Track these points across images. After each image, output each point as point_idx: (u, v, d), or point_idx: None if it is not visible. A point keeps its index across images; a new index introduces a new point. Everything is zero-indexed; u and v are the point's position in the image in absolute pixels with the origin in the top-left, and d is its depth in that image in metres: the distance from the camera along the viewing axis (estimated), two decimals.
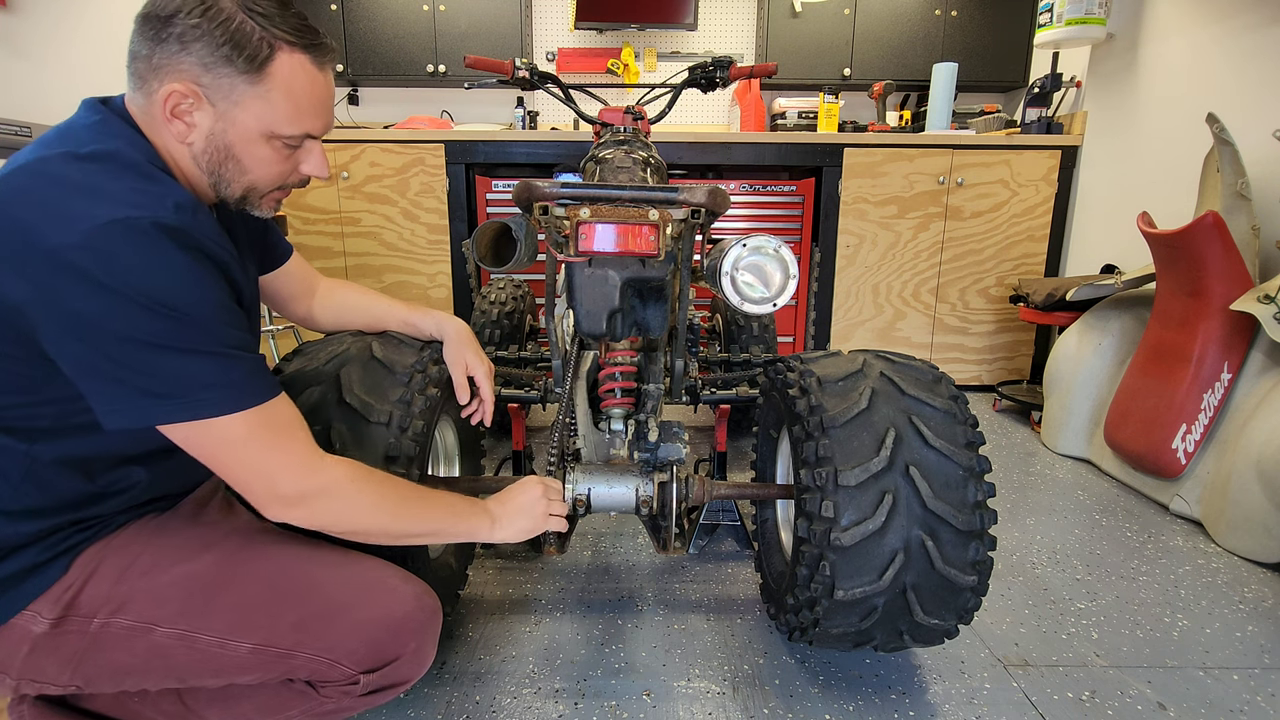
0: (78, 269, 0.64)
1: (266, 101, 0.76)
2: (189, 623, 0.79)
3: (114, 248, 0.65)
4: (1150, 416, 1.92)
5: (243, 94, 0.75)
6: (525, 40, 3.26)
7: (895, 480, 0.96)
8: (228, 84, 0.74)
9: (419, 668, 0.88)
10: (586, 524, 1.76)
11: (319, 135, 0.84)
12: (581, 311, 1.10)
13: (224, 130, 0.77)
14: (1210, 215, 1.74)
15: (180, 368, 0.69)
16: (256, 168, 0.80)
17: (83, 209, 0.66)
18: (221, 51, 0.73)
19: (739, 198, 2.83)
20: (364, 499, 0.81)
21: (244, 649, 0.80)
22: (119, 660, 0.78)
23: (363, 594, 0.85)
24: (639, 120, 1.72)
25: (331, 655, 0.82)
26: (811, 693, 1.17)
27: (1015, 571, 1.57)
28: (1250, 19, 2.05)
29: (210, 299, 0.71)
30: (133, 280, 0.66)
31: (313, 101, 0.80)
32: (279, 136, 0.79)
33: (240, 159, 0.79)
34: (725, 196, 1.00)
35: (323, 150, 0.86)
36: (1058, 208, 2.80)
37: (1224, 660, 1.27)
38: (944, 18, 3.21)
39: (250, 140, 0.78)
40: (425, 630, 0.88)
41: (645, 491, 1.17)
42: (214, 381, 0.71)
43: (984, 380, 2.99)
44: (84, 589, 0.78)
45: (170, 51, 0.72)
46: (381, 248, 2.88)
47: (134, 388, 0.68)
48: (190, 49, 0.72)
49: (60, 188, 0.67)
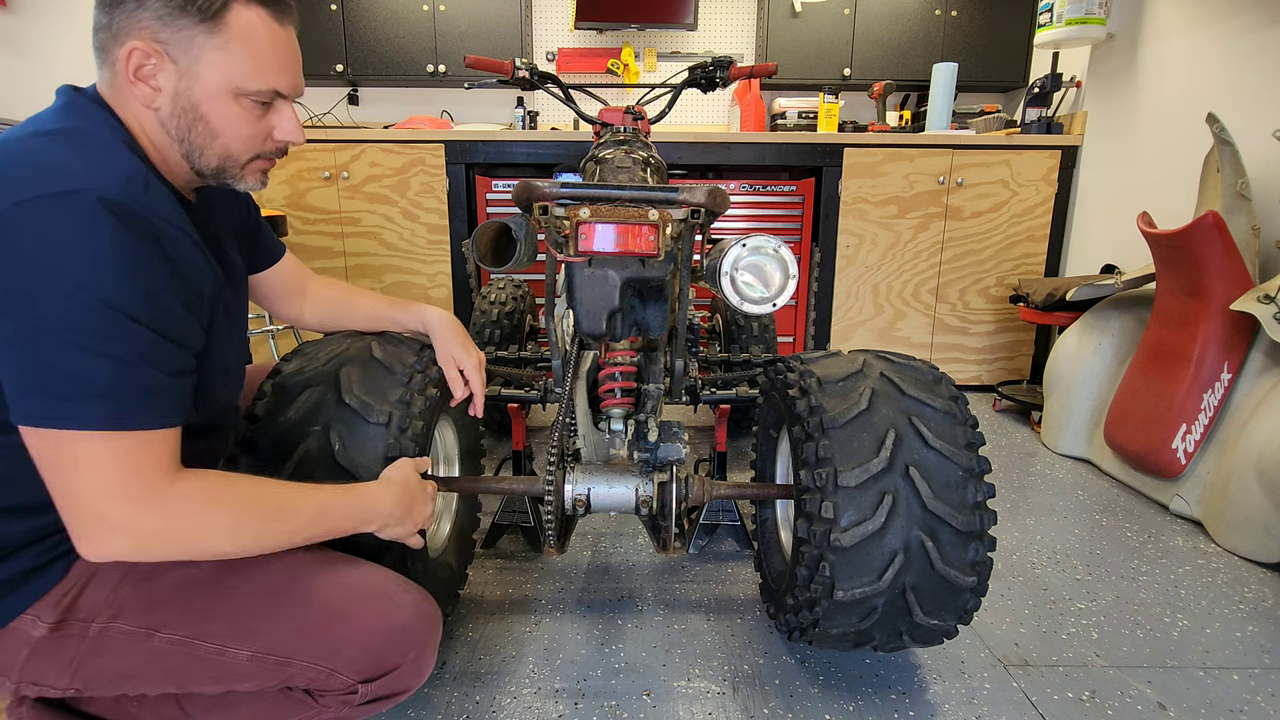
0: (7, 235, 0.62)
1: (227, 53, 0.74)
2: (188, 628, 0.78)
3: (46, 222, 0.63)
4: (1150, 416, 1.92)
5: (202, 46, 0.73)
6: (525, 40, 3.25)
7: (895, 481, 0.96)
8: (186, 36, 0.73)
9: (418, 677, 0.88)
10: (586, 524, 1.76)
11: (288, 94, 0.82)
12: (581, 311, 1.10)
13: (189, 88, 0.75)
14: (1210, 215, 1.74)
15: (75, 368, 0.64)
16: (227, 128, 0.78)
17: (25, 179, 0.64)
18: (175, 2, 0.71)
19: (739, 198, 2.83)
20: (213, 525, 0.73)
21: (243, 656, 0.79)
22: (118, 665, 0.78)
23: (362, 602, 0.84)
24: (639, 120, 1.72)
25: (330, 664, 0.81)
26: (811, 693, 1.17)
27: (1015, 571, 1.57)
28: (1250, 19, 2.05)
29: (140, 288, 0.67)
30: (58, 258, 0.63)
31: (276, 55, 0.78)
32: (245, 92, 0.77)
33: (208, 119, 0.76)
34: (725, 196, 1.00)
35: (295, 113, 0.83)
36: (1058, 208, 2.80)
37: (1224, 660, 1.27)
38: (944, 18, 3.21)
39: (216, 97, 0.76)
40: (425, 640, 0.87)
41: (645, 491, 1.17)
42: (104, 393, 0.65)
43: (984, 380, 2.99)
44: (83, 593, 0.77)
45: (127, 11, 0.72)
46: (381, 248, 2.88)
47: (16, 378, 0.65)
48: (145, 4, 0.71)
49: (10, 161, 0.66)
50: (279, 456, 0.96)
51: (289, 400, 0.99)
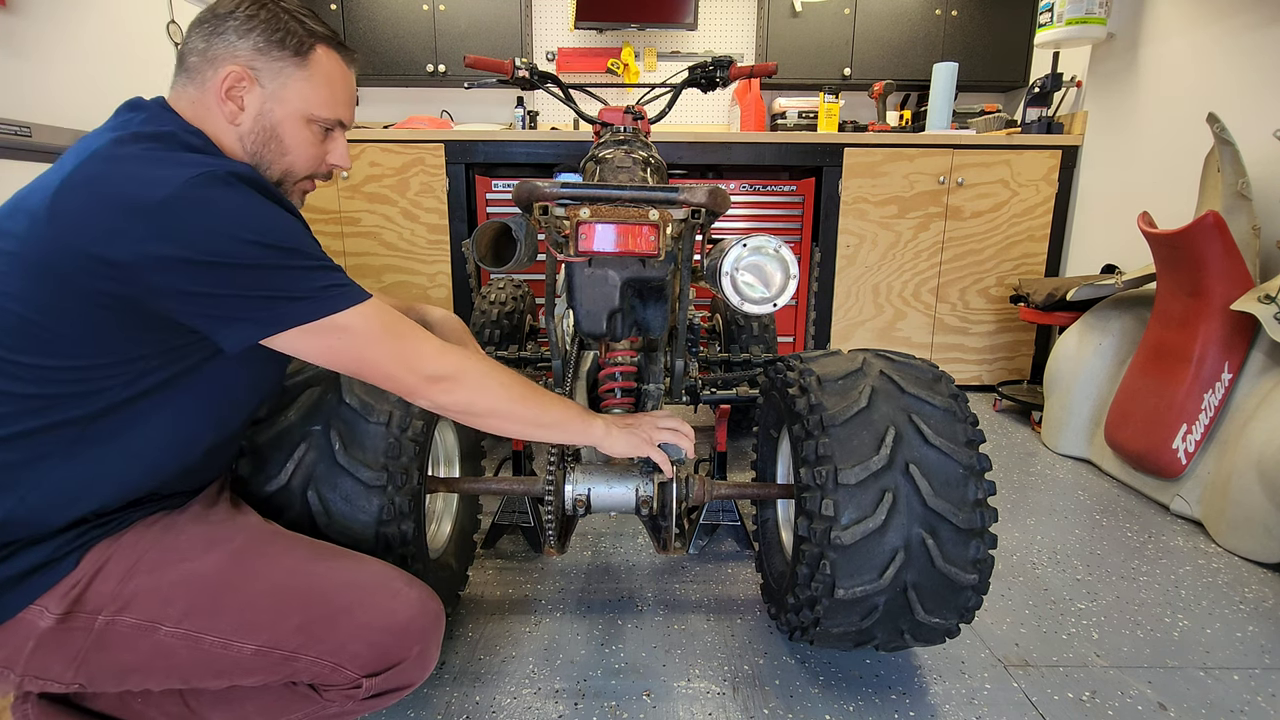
0: (187, 213, 0.70)
1: (310, 84, 0.86)
2: (194, 623, 0.79)
3: (210, 193, 0.71)
4: (1151, 416, 1.92)
5: (290, 75, 0.84)
6: (525, 40, 3.25)
7: (895, 478, 0.96)
8: (278, 66, 0.84)
9: (422, 672, 0.89)
10: (586, 524, 1.76)
11: (348, 125, 0.93)
12: (581, 311, 1.10)
13: (271, 110, 0.85)
14: (1211, 215, 1.74)
15: (301, 278, 0.76)
16: (295, 148, 0.88)
17: (168, 171, 0.71)
18: (275, 38, 0.83)
19: (739, 198, 2.83)
20: (493, 381, 0.89)
21: (248, 650, 0.80)
22: (123, 659, 0.78)
23: (367, 597, 0.85)
24: (639, 120, 1.72)
25: (335, 659, 0.82)
26: (812, 693, 1.17)
27: (1016, 571, 1.57)
28: (1250, 19, 2.05)
29: (300, 227, 0.79)
30: (237, 216, 0.72)
31: (346, 91, 0.90)
32: (317, 119, 0.87)
33: (283, 138, 0.86)
34: (725, 196, 0.99)
35: (346, 142, 0.94)
36: (1058, 208, 2.80)
37: (1224, 660, 1.27)
38: (944, 17, 3.21)
39: (293, 119, 0.86)
40: (429, 634, 0.88)
41: (645, 492, 1.17)
42: (334, 282, 0.78)
43: (984, 380, 2.99)
44: (91, 585, 0.78)
45: (228, 41, 0.82)
46: (381, 248, 2.88)
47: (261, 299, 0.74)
48: (246, 37, 0.82)
49: (139, 161, 0.72)
50: (278, 457, 0.95)
51: (289, 400, 0.99)
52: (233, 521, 0.89)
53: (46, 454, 0.74)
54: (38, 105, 2.20)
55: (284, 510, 0.95)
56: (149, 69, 2.65)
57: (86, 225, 0.69)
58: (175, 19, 2.78)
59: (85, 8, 2.40)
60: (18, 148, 2.09)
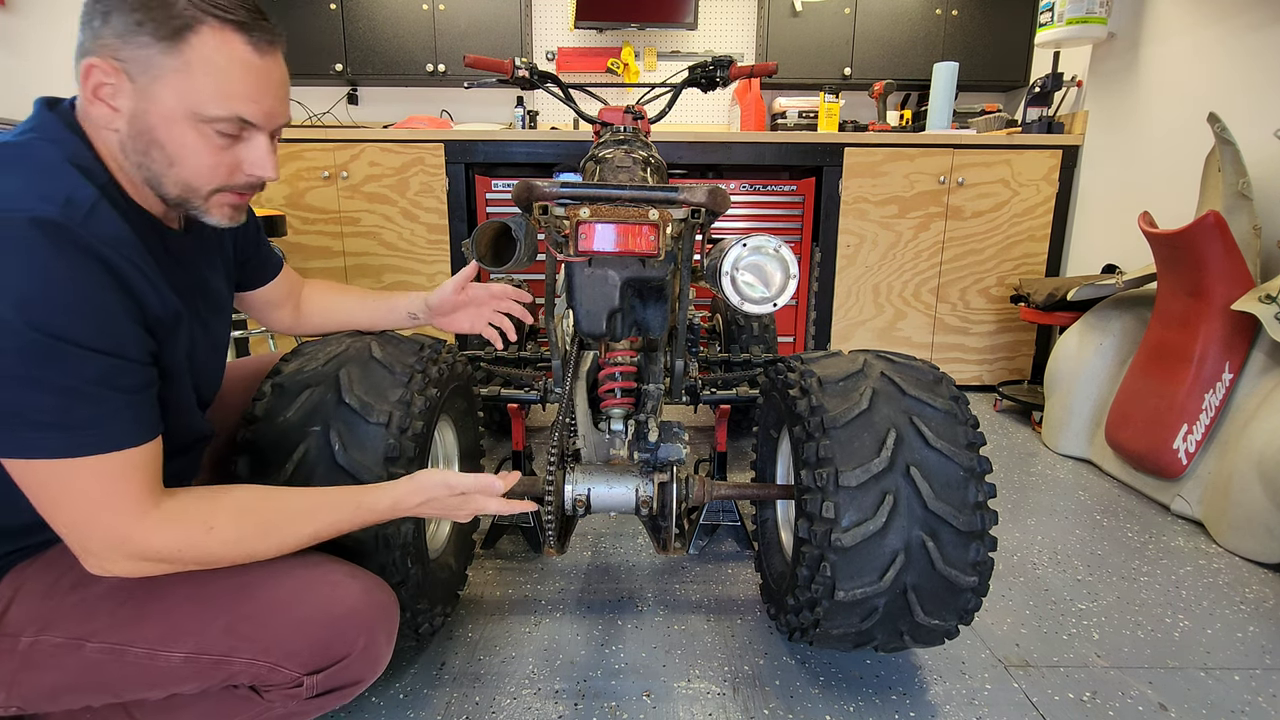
0: None
1: (185, 75, 0.68)
2: (118, 635, 0.75)
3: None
4: (1151, 417, 1.92)
5: (160, 67, 0.68)
6: (525, 40, 3.25)
7: (896, 481, 0.95)
8: (144, 55, 0.67)
9: (371, 666, 0.84)
10: (586, 524, 1.76)
11: (261, 125, 0.75)
12: (581, 311, 1.10)
13: (145, 110, 0.69)
14: (1211, 215, 1.73)
15: (14, 398, 0.62)
16: (184, 157, 0.72)
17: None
18: (134, 17, 0.67)
19: (739, 197, 2.82)
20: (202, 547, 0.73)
21: (176, 659, 0.76)
22: (52, 679, 0.75)
23: (301, 592, 0.80)
24: (639, 120, 1.72)
25: (269, 658, 0.77)
26: (812, 693, 1.17)
27: (1016, 572, 1.57)
28: (1251, 19, 2.05)
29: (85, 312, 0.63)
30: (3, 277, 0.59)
31: (246, 82, 0.71)
32: (205, 119, 0.70)
33: (164, 144, 0.71)
34: (725, 196, 0.99)
35: (270, 146, 0.77)
36: (1058, 207, 2.80)
37: (1225, 661, 1.27)
38: (944, 17, 3.21)
39: (173, 121, 0.70)
40: (375, 626, 0.83)
41: (645, 492, 1.17)
42: (49, 422, 0.63)
43: (984, 380, 2.98)
44: (10, 606, 0.75)
45: (94, 29, 0.68)
46: (381, 248, 2.88)
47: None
48: (110, 21, 0.67)
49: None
50: (278, 457, 0.95)
51: (289, 400, 0.99)
52: None
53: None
54: None
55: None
56: None
57: None
58: None
59: None
60: None
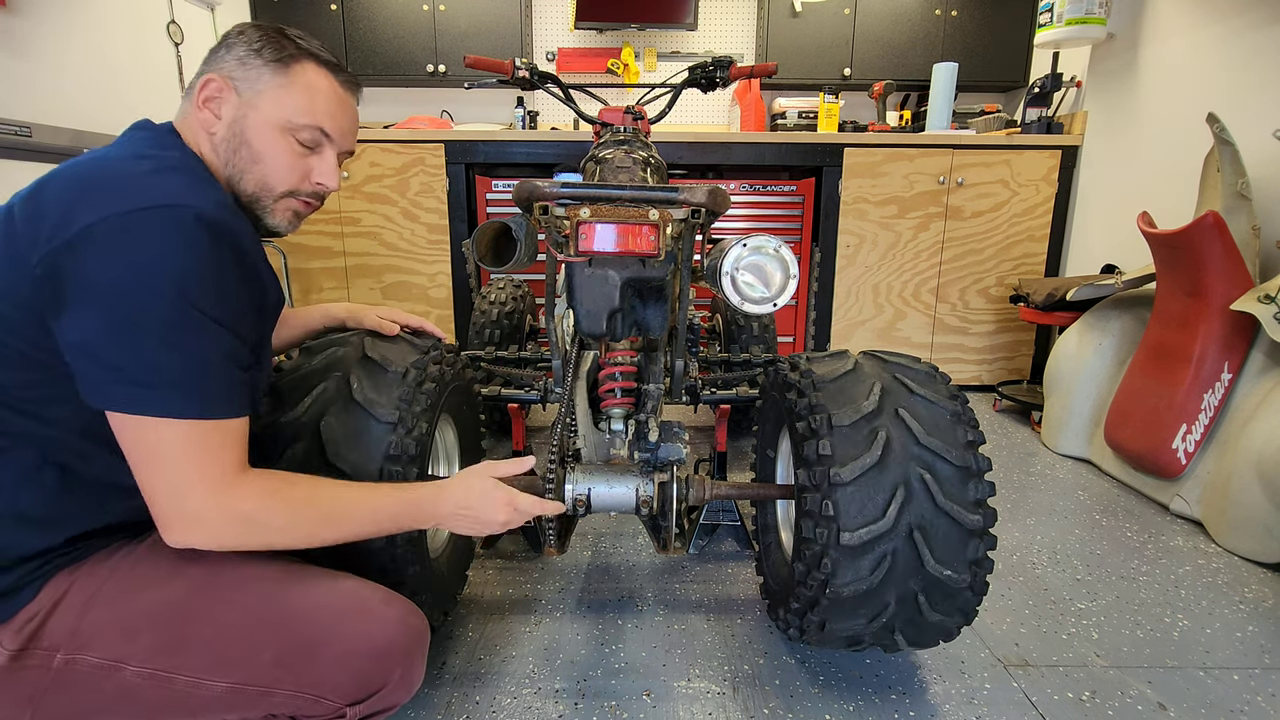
0: (103, 242, 0.67)
1: (286, 90, 0.83)
2: (162, 660, 0.74)
3: (149, 229, 0.68)
4: (1150, 416, 1.92)
5: (266, 83, 0.82)
6: (525, 40, 3.25)
7: (898, 479, 0.96)
8: (255, 74, 0.82)
9: (407, 692, 0.84)
10: (586, 524, 1.76)
11: (335, 140, 0.88)
12: (581, 311, 1.10)
13: (244, 115, 0.82)
14: (1210, 215, 1.74)
15: (158, 359, 0.69)
16: (267, 157, 0.84)
17: (136, 192, 0.70)
18: (254, 47, 0.82)
19: (739, 198, 2.83)
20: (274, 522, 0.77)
21: (220, 688, 0.75)
22: (84, 700, 0.74)
23: (344, 622, 0.80)
24: (639, 120, 1.72)
25: (316, 691, 0.78)
26: (811, 693, 1.17)
27: (1016, 572, 1.57)
28: (1250, 19, 2.05)
29: (226, 299, 0.74)
30: (158, 261, 0.68)
31: (330, 104, 0.86)
32: (292, 127, 0.84)
33: (253, 144, 0.83)
34: (725, 196, 0.99)
35: (336, 162, 0.90)
36: (1058, 208, 2.80)
37: (1224, 660, 1.27)
38: (944, 17, 3.21)
39: (265, 126, 0.83)
40: (412, 655, 0.84)
41: (645, 491, 1.17)
42: (185, 384, 0.71)
43: (984, 380, 2.99)
44: (49, 619, 0.74)
45: (218, 58, 0.83)
46: (381, 248, 2.88)
47: (107, 365, 0.69)
48: (231, 50, 0.83)
49: (120, 176, 0.72)
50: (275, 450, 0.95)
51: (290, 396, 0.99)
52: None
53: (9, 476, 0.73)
54: (38, 105, 2.20)
55: None
56: (149, 69, 2.65)
57: (26, 233, 0.69)
58: (175, 19, 2.78)
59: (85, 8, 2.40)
60: (18, 148, 2.09)
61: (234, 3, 3.14)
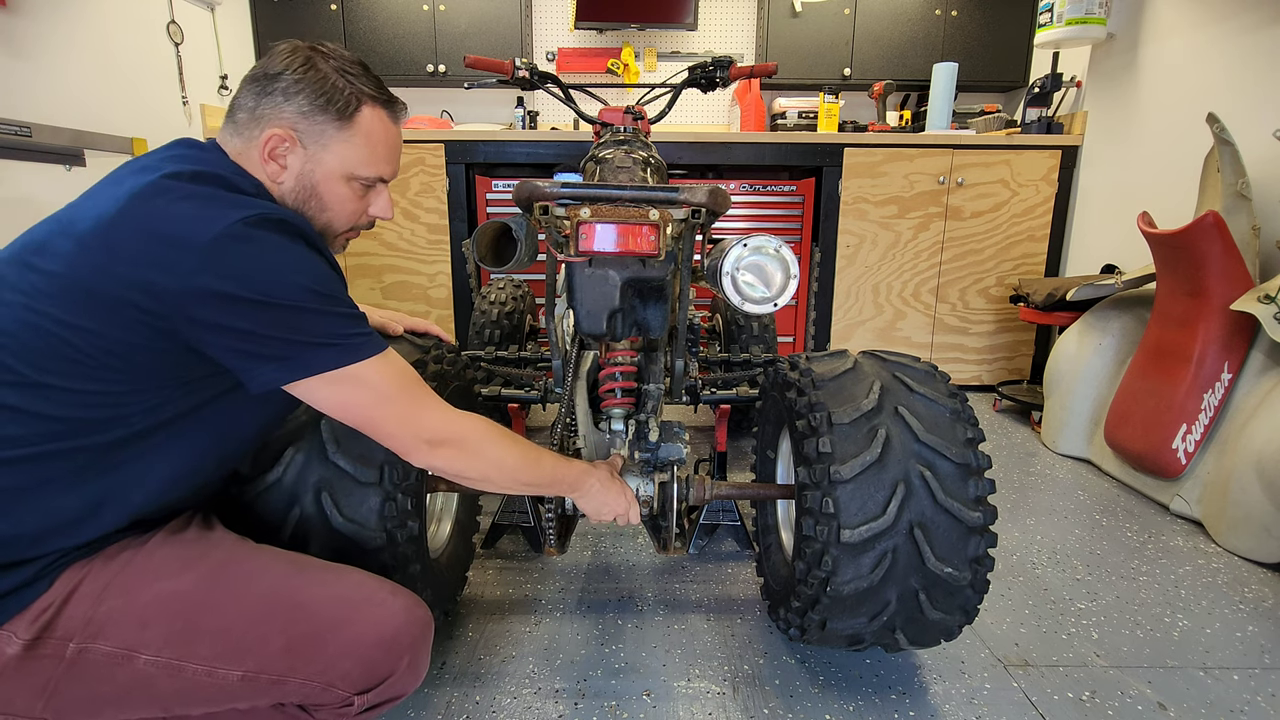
0: (236, 250, 0.72)
1: (351, 145, 0.87)
2: (175, 650, 0.76)
3: (260, 233, 0.74)
4: (1150, 416, 1.92)
5: (331, 138, 0.86)
6: (525, 40, 3.26)
7: (899, 476, 0.96)
8: (320, 129, 0.85)
9: (414, 681, 0.87)
10: (586, 524, 1.76)
11: (389, 180, 0.95)
12: (581, 311, 1.10)
13: (311, 170, 0.87)
14: (1210, 215, 1.74)
15: (328, 324, 0.78)
16: (335, 205, 0.90)
17: (219, 211, 0.74)
18: (318, 102, 0.85)
19: (739, 198, 2.83)
20: (493, 450, 0.90)
21: (233, 676, 0.77)
22: (98, 689, 0.75)
23: (352, 612, 0.82)
24: (639, 120, 1.72)
25: (325, 679, 0.79)
26: (812, 693, 1.17)
27: (1016, 571, 1.57)
28: (1250, 19, 2.05)
29: (337, 276, 0.82)
30: (283, 257, 0.75)
31: (388, 149, 0.92)
32: (357, 177, 0.89)
33: (322, 196, 0.89)
34: (725, 196, 0.99)
35: (389, 195, 0.96)
36: (1058, 208, 2.80)
37: (1224, 660, 1.27)
38: (944, 18, 3.21)
39: (333, 179, 0.88)
40: (418, 644, 0.86)
41: (645, 492, 1.17)
42: (357, 330, 0.80)
43: (984, 380, 2.99)
44: (63, 609, 0.74)
45: (275, 103, 0.84)
46: (381, 248, 2.88)
47: (294, 343, 0.75)
48: (292, 100, 0.84)
49: (194, 199, 0.74)
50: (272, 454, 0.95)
51: None
52: (205, 539, 0.86)
53: (52, 479, 0.73)
54: (38, 105, 2.20)
55: (280, 509, 0.94)
56: (149, 69, 2.65)
57: (138, 256, 0.71)
58: (175, 19, 2.78)
59: (85, 8, 2.40)
60: (18, 148, 2.09)
61: (234, 3, 3.14)
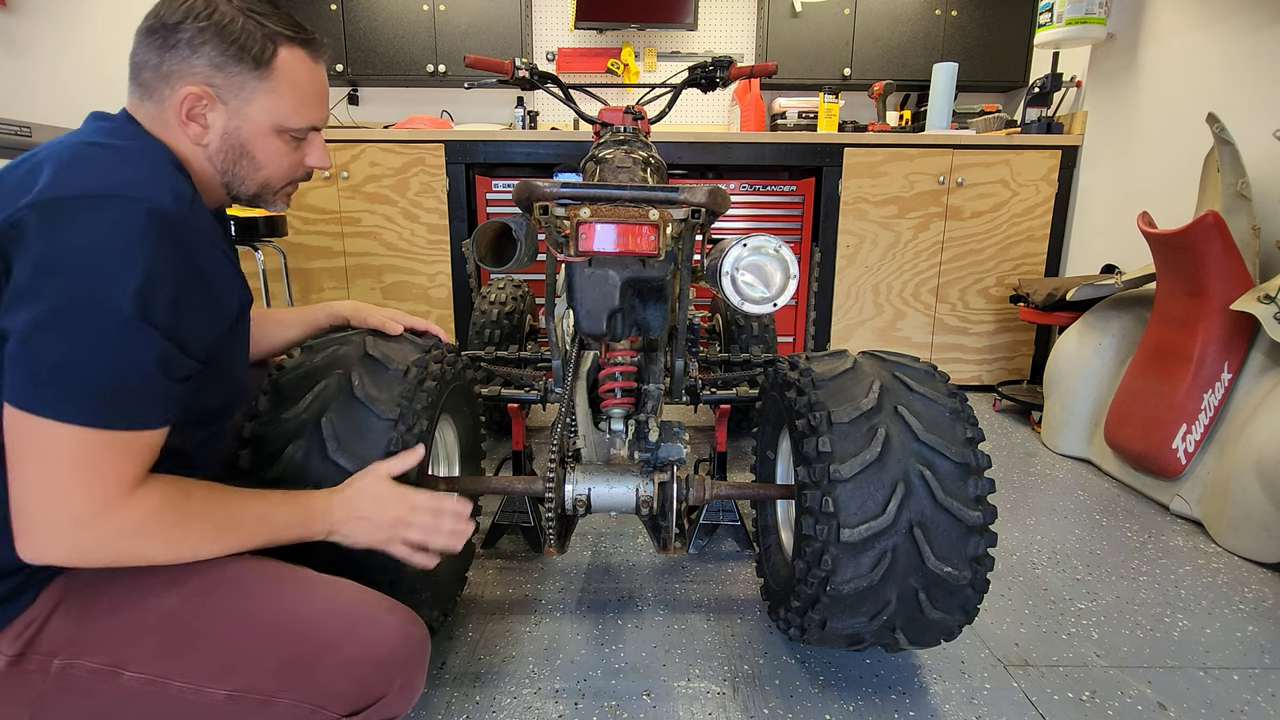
0: (51, 219, 0.65)
1: (275, 95, 0.81)
2: (161, 666, 0.73)
3: (99, 217, 0.66)
4: (1150, 416, 1.92)
5: (253, 90, 0.80)
6: (525, 40, 3.25)
7: (898, 475, 0.96)
8: (238, 82, 0.79)
9: (407, 703, 0.83)
10: (586, 524, 1.76)
11: (321, 127, 0.89)
12: (581, 311, 1.10)
13: (238, 127, 0.81)
14: (1210, 215, 1.74)
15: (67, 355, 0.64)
16: (269, 161, 0.85)
17: (87, 178, 0.68)
18: (230, 51, 0.77)
19: (739, 198, 2.83)
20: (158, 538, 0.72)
21: (220, 695, 0.74)
22: (82, 706, 0.73)
23: (346, 630, 0.79)
24: (639, 120, 1.72)
25: (317, 700, 0.76)
26: (812, 693, 1.17)
27: (1015, 571, 1.57)
28: (1250, 19, 2.05)
29: (169, 298, 0.69)
30: (99, 254, 0.65)
31: (314, 93, 0.86)
32: (288, 129, 0.84)
33: (254, 154, 0.83)
34: (725, 196, 0.99)
35: (323, 141, 0.91)
36: (1058, 208, 2.80)
37: (1224, 660, 1.27)
38: (944, 17, 3.21)
39: (262, 134, 0.82)
40: (413, 665, 0.83)
41: (645, 492, 1.17)
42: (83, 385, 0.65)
43: (984, 380, 2.99)
44: (48, 623, 0.72)
45: (181, 57, 0.77)
46: (381, 248, 2.88)
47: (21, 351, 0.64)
48: (200, 52, 0.77)
49: (72, 161, 0.70)
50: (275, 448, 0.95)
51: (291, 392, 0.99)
52: None
53: None
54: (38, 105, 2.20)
55: None
56: None
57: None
58: None
59: (84, 8, 2.40)
60: (18, 148, 2.09)
61: None
